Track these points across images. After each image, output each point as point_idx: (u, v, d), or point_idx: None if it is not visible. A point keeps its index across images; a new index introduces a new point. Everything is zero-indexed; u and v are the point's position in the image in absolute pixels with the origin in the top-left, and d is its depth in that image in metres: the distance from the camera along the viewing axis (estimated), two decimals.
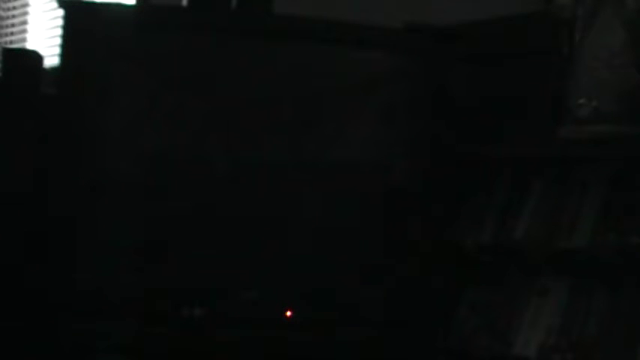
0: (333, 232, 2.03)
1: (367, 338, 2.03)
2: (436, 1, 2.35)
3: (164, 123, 1.97)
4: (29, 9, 4.03)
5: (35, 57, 2.36)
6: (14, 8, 4.12)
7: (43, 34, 3.93)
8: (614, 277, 1.90)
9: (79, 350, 1.91)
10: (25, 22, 4.05)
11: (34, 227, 2.05)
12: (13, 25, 4.12)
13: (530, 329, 1.98)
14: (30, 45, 3.95)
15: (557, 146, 1.98)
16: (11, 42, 4.08)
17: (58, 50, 1.99)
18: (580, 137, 1.92)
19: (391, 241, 2.07)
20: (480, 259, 2.12)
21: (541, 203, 2.05)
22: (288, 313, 1.99)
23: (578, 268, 1.97)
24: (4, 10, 4.16)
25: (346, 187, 2.04)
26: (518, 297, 2.03)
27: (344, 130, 2.04)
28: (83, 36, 1.95)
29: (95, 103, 1.94)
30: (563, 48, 1.97)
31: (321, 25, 2.04)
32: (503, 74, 2.21)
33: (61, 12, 1.97)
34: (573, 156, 2.00)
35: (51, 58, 2.62)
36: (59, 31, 2.01)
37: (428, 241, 2.09)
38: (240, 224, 1.99)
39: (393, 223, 2.07)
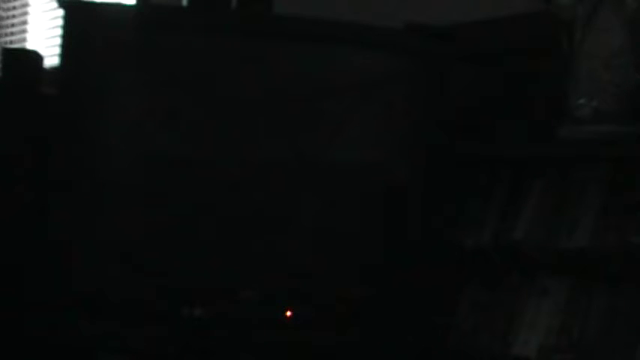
0: (332, 232, 2.03)
1: (367, 338, 2.03)
2: (436, 1, 2.35)
3: (164, 122, 1.97)
4: (29, 9, 4.04)
5: (35, 57, 2.36)
6: (14, 8, 4.13)
7: (43, 34, 3.93)
8: (614, 277, 1.90)
9: (78, 350, 1.91)
10: (25, 22, 4.05)
11: (33, 227, 2.05)
12: (13, 25, 4.12)
13: (530, 329, 1.98)
14: (30, 45, 3.95)
15: (557, 146, 1.98)
16: (11, 42, 4.08)
17: (58, 50, 1.99)
18: (580, 137, 1.92)
19: (391, 241, 2.07)
20: (480, 259, 2.12)
21: (541, 203, 2.05)
22: (288, 313, 1.99)
23: (578, 268, 1.97)
24: (4, 10, 4.16)
25: (346, 187, 2.04)
26: (518, 297, 2.03)
27: (343, 130, 2.04)
28: (83, 36, 1.95)
29: (95, 104, 1.94)
30: (563, 48, 1.97)
31: (321, 25, 2.04)
32: (503, 74, 2.21)
33: (61, 12, 1.97)
34: (573, 156, 2.00)
35: (51, 58, 2.63)
36: (59, 31, 2.01)
37: (428, 241, 2.09)
38: (241, 224, 1.99)
39: (392, 223, 2.07)
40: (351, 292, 2.03)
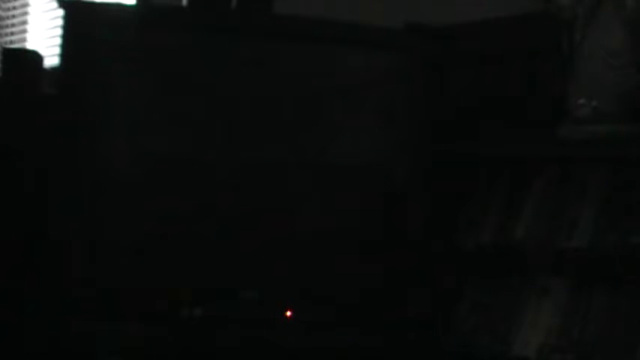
0: (332, 232, 2.03)
1: (367, 339, 2.03)
2: (436, 1, 2.35)
3: (164, 122, 1.97)
4: (29, 9, 4.04)
5: (35, 57, 2.36)
6: (14, 8, 4.13)
7: (43, 34, 3.93)
8: (614, 277, 1.90)
9: (77, 351, 1.91)
10: (25, 22, 4.05)
11: (33, 227, 2.05)
12: (13, 25, 4.12)
13: (530, 329, 1.98)
14: (30, 45, 3.95)
15: (557, 146, 1.98)
16: (11, 42, 4.08)
17: (58, 50, 1.99)
18: (580, 137, 1.92)
19: (391, 241, 2.06)
20: (479, 259, 2.12)
21: (541, 203, 2.05)
22: (288, 314, 1.99)
23: (578, 268, 1.97)
24: (4, 10, 4.16)
25: (346, 187, 2.04)
26: (518, 297, 2.03)
27: (344, 130, 2.04)
28: (83, 36, 1.95)
29: (95, 103, 1.94)
30: (563, 48, 1.97)
31: (321, 25, 2.04)
32: (503, 74, 2.21)
33: (61, 12, 1.97)
34: (573, 156, 2.00)
35: (51, 58, 2.63)
36: (59, 31, 2.01)
37: (428, 241, 2.09)
38: (241, 224, 1.99)
39: (392, 223, 2.07)
40: (351, 292, 2.03)
